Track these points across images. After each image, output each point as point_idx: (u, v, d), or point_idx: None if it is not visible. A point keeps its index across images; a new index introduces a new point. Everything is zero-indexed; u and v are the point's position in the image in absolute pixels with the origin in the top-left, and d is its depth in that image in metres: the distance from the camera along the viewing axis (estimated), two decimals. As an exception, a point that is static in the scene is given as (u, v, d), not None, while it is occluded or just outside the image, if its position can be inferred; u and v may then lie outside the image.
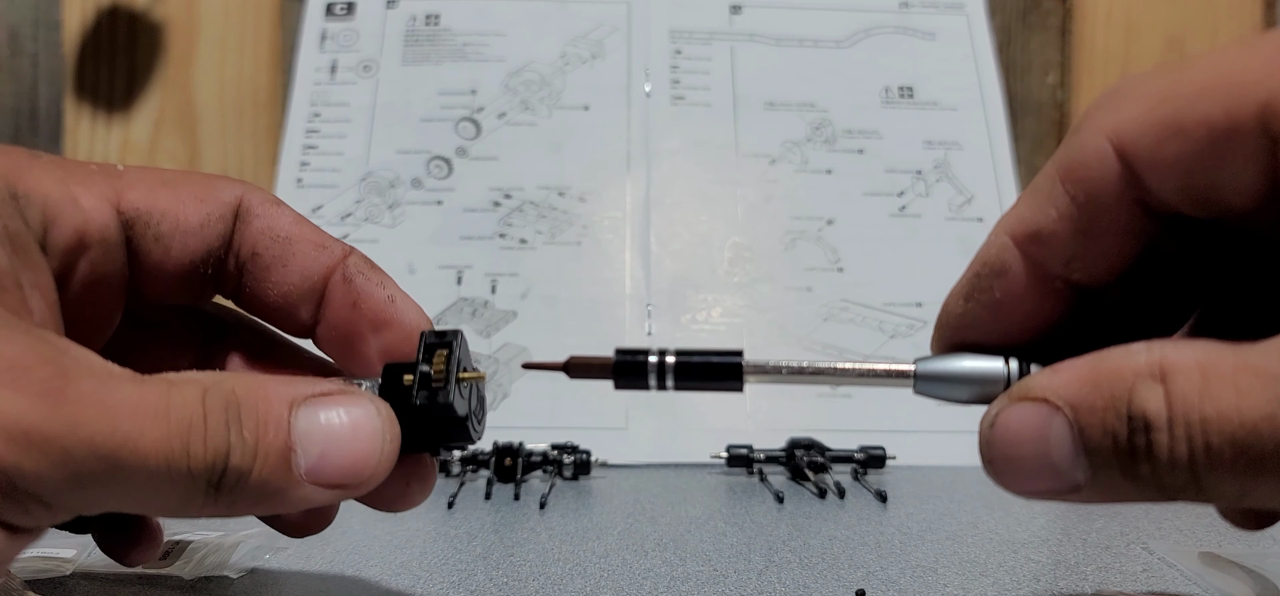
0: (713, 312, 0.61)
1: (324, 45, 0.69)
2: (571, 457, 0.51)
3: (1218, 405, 0.18)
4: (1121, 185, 0.21)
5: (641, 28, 0.69)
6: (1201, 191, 0.20)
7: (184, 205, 0.25)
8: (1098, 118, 0.21)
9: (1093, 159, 0.21)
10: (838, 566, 0.36)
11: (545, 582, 0.35)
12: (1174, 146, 0.20)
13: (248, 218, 0.26)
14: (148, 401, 0.20)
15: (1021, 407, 0.21)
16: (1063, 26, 0.81)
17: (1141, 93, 0.21)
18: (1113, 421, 0.19)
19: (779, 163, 0.66)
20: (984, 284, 0.23)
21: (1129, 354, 0.20)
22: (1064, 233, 0.22)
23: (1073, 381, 0.20)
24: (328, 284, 0.26)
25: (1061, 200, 0.22)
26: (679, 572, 0.36)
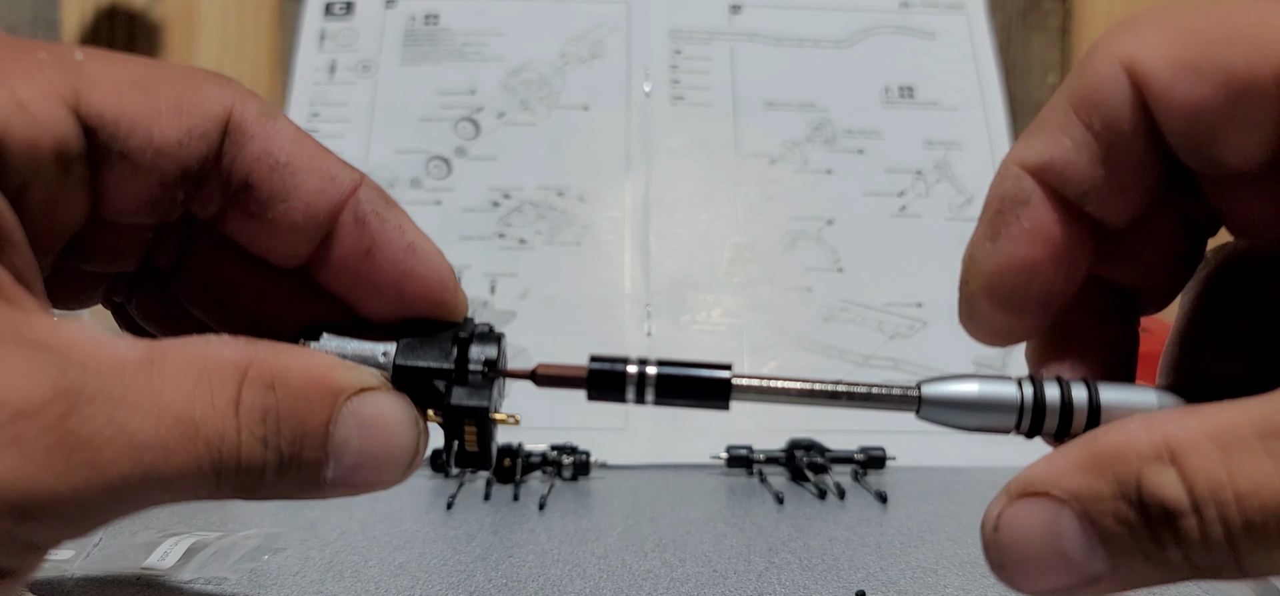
0: (713, 313, 0.61)
1: (323, 45, 0.69)
2: (571, 458, 0.50)
3: (1251, 480, 0.17)
4: (1137, 113, 0.20)
5: (641, 27, 0.69)
6: (1202, 139, 0.19)
7: (160, 115, 0.20)
8: (1113, 43, 0.20)
9: (1109, 84, 0.20)
10: (838, 567, 0.36)
11: (544, 583, 0.34)
12: (1186, 86, 0.19)
13: (240, 137, 0.21)
14: (171, 415, 0.17)
15: (1024, 506, 0.20)
16: (1063, 27, 0.81)
17: (1163, 24, 0.20)
18: (1125, 510, 0.18)
19: (779, 162, 0.65)
20: (1008, 218, 0.22)
21: (1126, 432, 0.18)
22: (1080, 162, 0.21)
23: (1072, 470, 0.19)
24: (337, 227, 0.22)
25: (1075, 129, 0.20)
26: (679, 573, 0.36)
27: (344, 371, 0.20)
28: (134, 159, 0.20)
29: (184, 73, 0.21)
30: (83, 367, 0.17)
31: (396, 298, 0.23)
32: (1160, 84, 0.19)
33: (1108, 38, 0.20)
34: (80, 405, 0.16)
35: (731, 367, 0.23)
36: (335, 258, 0.22)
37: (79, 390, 0.16)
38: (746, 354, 0.60)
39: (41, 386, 0.16)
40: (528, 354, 0.59)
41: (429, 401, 0.22)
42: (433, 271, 0.23)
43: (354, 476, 0.20)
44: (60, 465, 0.16)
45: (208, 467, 0.17)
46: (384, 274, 0.22)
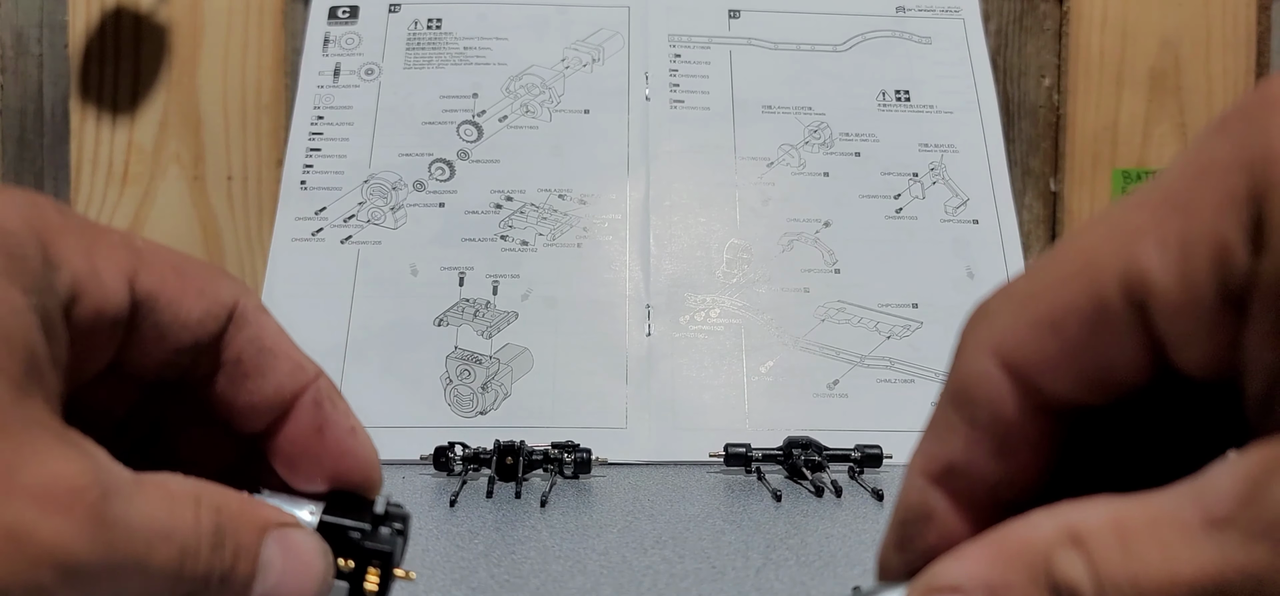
0: (711, 313, 0.62)
1: (327, 49, 0.69)
2: (572, 456, 0.51)
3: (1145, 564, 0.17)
4: (1016, 399, 0.20)
5: (641, 32, 0.70)
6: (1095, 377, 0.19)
7: (188, 297, 0.25)
8: (974, 336, 0.20)
9: (980, 379, 0.20)
10: (834, 564, 0.37)
11: (546, 579, 0.35)
12: (1052, 343, 0.19)
13: (241, 323, 0.26)
14: (158, 520, 0.21)
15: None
16: (1058, 30, 0.82)
17: (1010, 300, 0.20)
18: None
19: (776, 165, 0.66)
20: (913, 532, 0.22)
21: (1031, 525, 0.18)
22: (977, 459, 0.21)
23: (982, 562, 0.19)
24: (298, 407, 0.27)
25: (963, 430, 0.21)
26: (678, 569, 0.36)
27: (272, 510, 0.24)
28: (162, 329, 0.25)
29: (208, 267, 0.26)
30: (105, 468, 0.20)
31: (333, 472, 0.27)
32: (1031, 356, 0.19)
33: (968, 331, 0.21)
34: (110, 493, 0.20)
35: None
36: (289, 430, 0.27)
37: (109, 483, 0.20)
38: (744, 354, 0.60)
39: (87, 473, 0.20)
40: (530, 354, 0.60)
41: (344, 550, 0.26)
42: (366, 453, 0.27)
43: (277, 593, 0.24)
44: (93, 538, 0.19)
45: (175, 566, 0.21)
46: (328, 450, 0.27)
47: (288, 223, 0.64)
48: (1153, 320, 0.18)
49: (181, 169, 0.80)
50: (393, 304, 0.61)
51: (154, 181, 0.80)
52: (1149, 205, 0.19)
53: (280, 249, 0.63)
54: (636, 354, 0.60)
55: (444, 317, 0.61)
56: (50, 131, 0.81)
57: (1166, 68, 0.82)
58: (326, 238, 0.64)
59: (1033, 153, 0.82)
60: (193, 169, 0.80)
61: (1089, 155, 0.81)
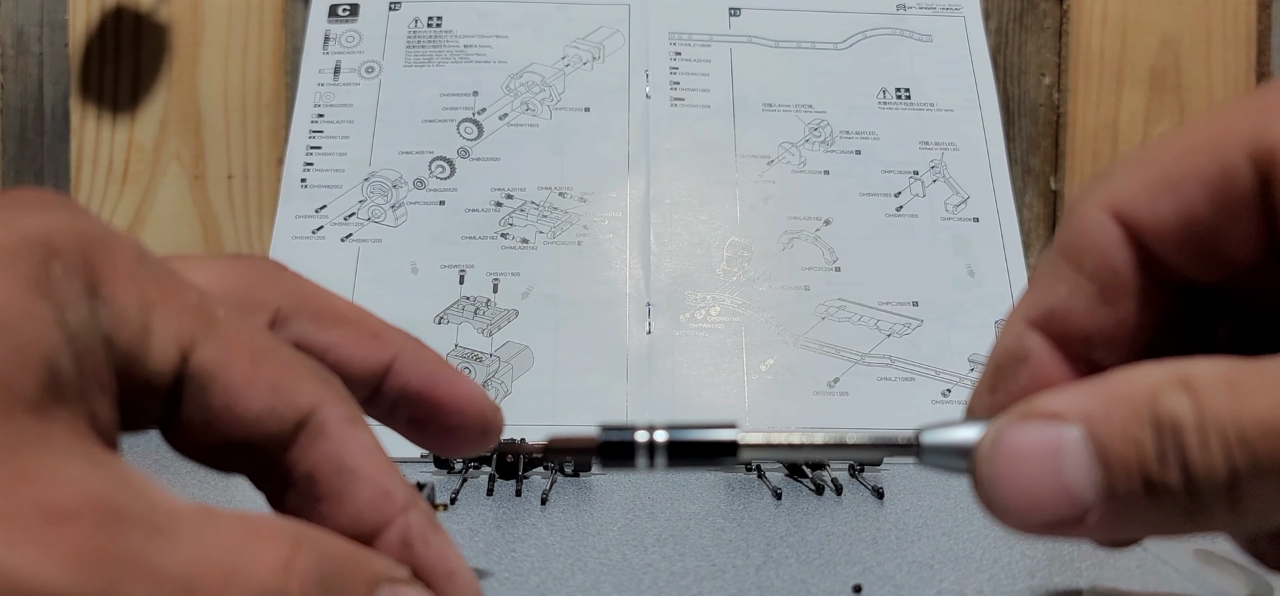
0: (711, 311, 0.62)
1: (327, 47, 0.69)
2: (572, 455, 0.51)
3: (1253, 404, 0.17)
4: (1127, 252, 0.20)
5: (641, 30, 0.70)
6: (1204, 248, 0.20)
7: (254, 388, 0.21)
8: (1092, 193, 0.21)
9: (1094, 230, 0.20)
10: (835, 562, 0.37)
11: (546, 577, 0.35)
12: (1170, 204, 0.19)
13: (316, 436, 0.22)
14: (213, 561, 0.17)
15: (1028, 425, 0.19)
16: (1058, 28, 0.82)
17: (1131, 163, 0.20)
18: (1136, 430, 0.18)
19: (777, 163, 0.66)
20: (1007, 375, 0.22)
21: (1139, 371, 0.19)
22: (1079, 309, 0.21)
23: (1088, 396, 0.19)
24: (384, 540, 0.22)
25: (1070, 278, 0.21)
26: (678, 567, 0.36)
27: (382, 562, 0.21)
28: (211, 414, 0.21)
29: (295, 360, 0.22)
30: (133, 495, 0.17)
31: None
32: (1145, 212, 0.20)
33: (1085, 190, 0.21)
34: (117, 524, 0.16)
35: (737, 425, 0.23)
36: None
37: (121, 511, 0.16)
38: (744, 352, 0.60)
39: (84, 495, 0.16)
40: (530, 352, 0.60)
41: None
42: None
43: None
44: (77, 572, 0.16)
45: None
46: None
47: (288, 221, 0.64)
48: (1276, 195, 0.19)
49: (182, 167, 0.80)
50: (393, 302, 0.61)
51: (154, 180, 0.80)
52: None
53: (280, 247, 0.63)
54: (637, 352, 0.60)
55: (444, 316, 0.61)
56: (50, 130, 0.81)
57: (1167, 66, 0.82)
58: (327, 236, 0.64)
59: (1033, 151, 0.82)
60: (193, 167, 0.80)
61: (1089, 153, 0.81)
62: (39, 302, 0.18)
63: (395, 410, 0.27)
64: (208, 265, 0.25)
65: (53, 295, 0.18)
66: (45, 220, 0.19)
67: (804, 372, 0.60)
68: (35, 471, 0.16)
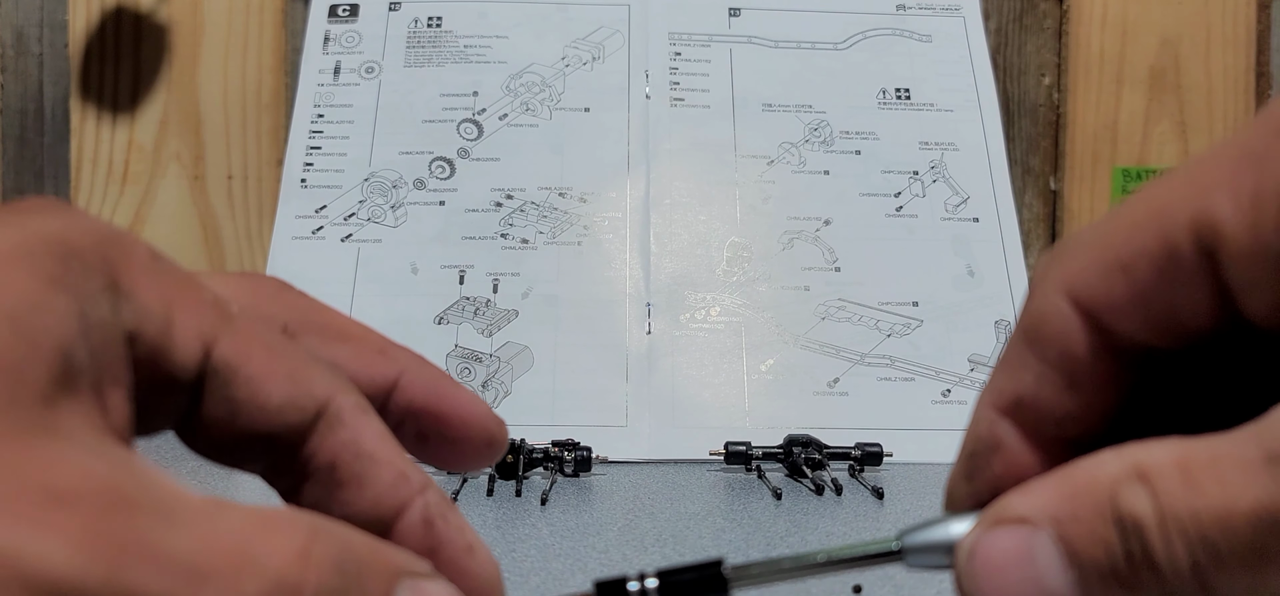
0: (711, 311, 0.62)
1: (327, 47, 0.69)
2: (572, 454, 0.51)
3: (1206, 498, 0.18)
4: (1086, 336, 0.20)
5: (641, 30, 0.70)
6: (1160, 321, 0.20)
7: (273, 380, 0.21)
8: (1048, 275, 0.21)
9: (1053, 316, 0.21)
10: (833, 561, 0.37)
11: (546, 577, 0.35)
12: (1121, 282, 0.20)
13: (334, 424, 0.22)
14: (224, 547, 0.17)
15: (1000, 533, 0.20)
16: (1058, 28, 0.82)
17: (1083, 242, 0.21)
18: (1101, 529, 0.18)
19: (777, 163, 0.66)
20: (981, 463, 0.22)
21: (1099, 463, 0.19)
22: (1046, 394, 0.21)
23: (1051, 497, 0.19)
24: (404, 524, 0.23)
25: (1034, 366, 0.21)
26: (678, 567, 0.36)
27: (402, 555, 0.20)
28: (235, 407, 0.21)
29: (306, 355, 0.23)
30: (141, 482, 0.17)
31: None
32: (1100, 295, 0.20)
33: (1041, 271, 0.21)
34: (124, 509, 0.16)
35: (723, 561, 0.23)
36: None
37: (128, 497, 0.16)
38: (744, 352, 0.60)
39: (89, 480, 0.16)
40: (530, 352, 0.60)
41: None
42: (487, 574, 0.24)
43: None
44: (83, 556, 0.16)
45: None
46: (443, 573, 0.23)
47: (288, 221, 0.64)
48: (1221, 267, 0.19)
49: (182, 168, 0.80)
50: (393, 302, 0.61)
51: (154, 180, 0.80)
52: (1224, 159, 0.19)
53: (280, 247, 0.63)
54: (637, 352, 0.60)
55: (444, 316, 0.61)
56: (50, 130, 0.81)
57: (1166, 66, 0.82)
58: (327, 236, 0.64)
59: (1033, 151, 0.82)
60: (193, 168, 0.80)
61: (1089, 153, 0.81)
62: (57, 296, 0.18)
63: (401, 426, 0.27)
64: (215, 278, 0.25)
65: (72, 289, 0.18)
66: (61, 222, 0.19)
67: (804, 373, 0.60)
68: (42, 457, 0.16)
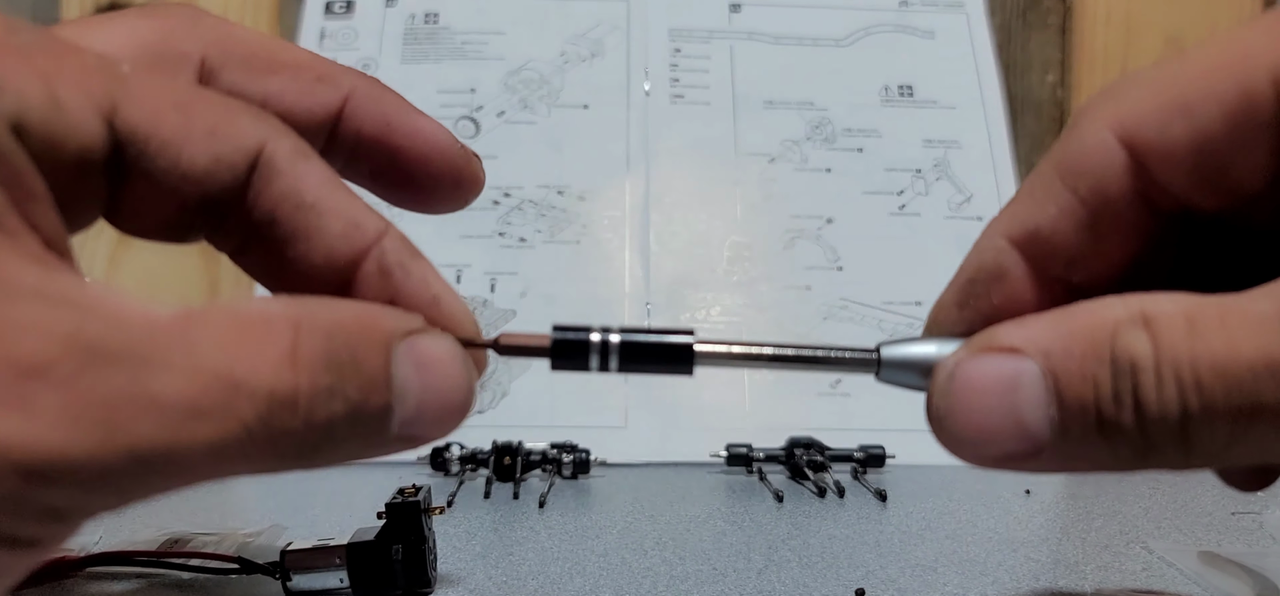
0: (712, 311, 0.61)
1: (323, 43, 0.69)
2: (570, 456, 0.51)
3: (1208, 345, 0.17)
4: (1127, 177, 0.20)
5: (641, 26, 0.69)
6: (1212, 173, 0.19)
7: (192, 140, 0.19)
8: (1099, 109, 0.20)
9: (1095, 150, 0.20)
10: (837, 565, 0.37)
11: (544, 581, 0.35)
12: (1182, 127, 0.19)
13: (269, 173, 0.20)
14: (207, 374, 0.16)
15: (986, 358, 0.19)
16: (1062, 25, 0.81)
17: (1144, 82, 0.20)
18: (1093, 367, 0.18)
19: (778, 161, 0.66)
20: (979, 290, 0.21)
21: (1103, 305, 0.18)
22: (1065, 230, 0.20)
23: (1048, 330, 0.19)
24: (360, 275, 0.21)
25: (1062, 197, 0.20)
26: (678, 571, 0.36)
27: (390, 316, 0.19)
28: (157, 178, 0.19)
29: (224, 101, 0.20)
30: (107, 324, 0.16)
31: None
32: (1153, 135, 0.19)
33: (1093, 104, 0.20)
34: (98, 363, 0.15)
35: (694, 333, 0.22)
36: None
37: (99, 348, 0.15)
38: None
39: (54, 341, 0.15)
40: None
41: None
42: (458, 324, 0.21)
43: (417, 422, 0.18)
44: (71, 426, 0.15)
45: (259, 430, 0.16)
46: None
47: (283, 219, 0.63)
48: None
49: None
50: (389, 302, 0.61)
51: (148, 178, 0.79)
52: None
53: (275, 246, 0.63)
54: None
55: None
56: (44, 128, 0.80)
57: (1171, 63, 0.81)
58: (322, 235, 0.63)
59: (1037, 149, 0.81)
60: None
61: (1093, 152, 0.81)
62: None
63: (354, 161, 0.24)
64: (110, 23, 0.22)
65: None
66: None
67: (806, 373, 0.59)
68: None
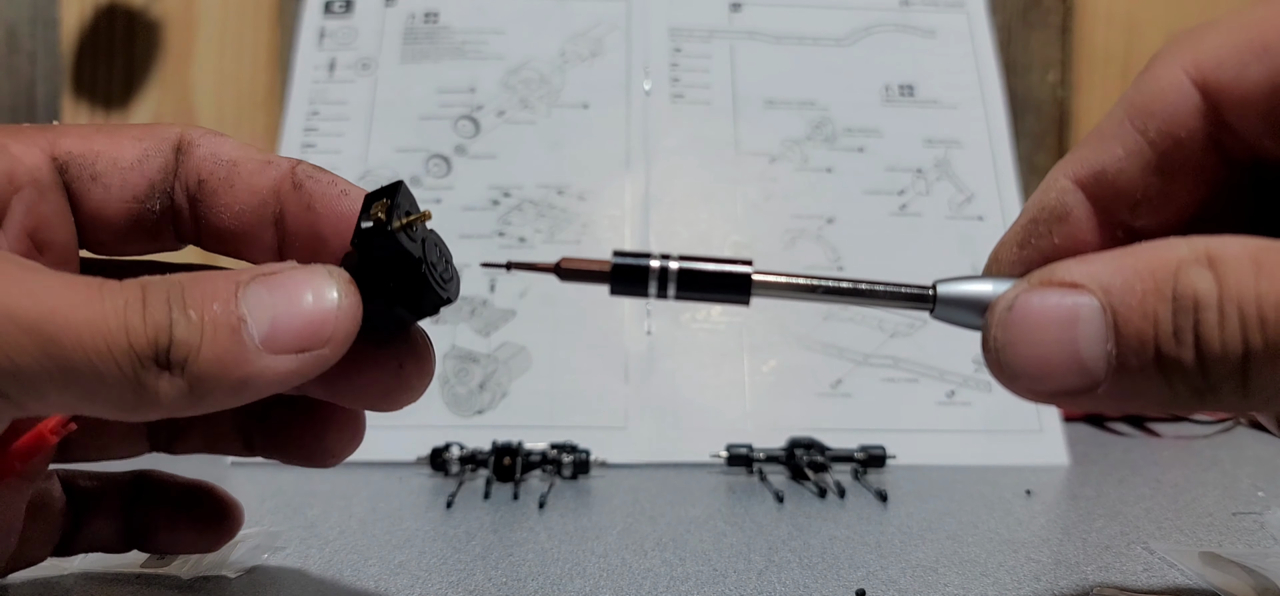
0: (712, 311, 0.61)
1: (322, 43, 0.68)
2: (570, 457, 0.50)
3: (1276, 286, 0.17)
4: (1198, 120, 0.20)
5: (641, 25, 0.69)
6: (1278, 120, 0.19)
7: (120, 145, 0.25)
8: (1175, 52, 0.20)
9: (1170, 91, 0.20)
10: (838, 566, 0.36)
11: (544, 582, 0.34)
12: (1260, 69, 0.19)
13: (190, 149, 0.26)
14: (78, 285, 0.19)
15: (1047, 292, 0.19)
16: (1063, 24, 0.81)
17: (1223, 26, 0.20)
18: (1154, 304, 0.18)
19: (779, 161, 0.65)
20: (1042, 230, 0.22)
21: (1168, 245, 0.18)
22: (1132, 172, 0.20)
23: (1110, 267, 0.19)
24: (281, 198, 0.25)
25: (1131, 139, 0.20)
26: (678, 572, 0.36)
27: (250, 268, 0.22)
28: (104, 178, 0.25)
29: (145, 124, 0.26)
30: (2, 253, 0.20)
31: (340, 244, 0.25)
32: (1230, 77, 0.19)
33: (1167, 49, 0.20)
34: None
35: (752, 264, 0.22)
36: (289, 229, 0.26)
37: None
38: (746, 353, 0.59)
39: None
40: (527, 351, 0.59)
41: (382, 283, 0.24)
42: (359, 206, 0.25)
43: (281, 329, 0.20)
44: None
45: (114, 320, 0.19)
46: (325, 222, 0.25)
47: (282, 219, 0.63)
48: None
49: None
50: (389, 302, 0.61)
51: (148, 178, 0.79)
52: None
53: (275, 246, 0.63)
54: (636, 352, 0.59)
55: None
56: (43, 128, 0.80)
57: (1172, 63, 0.81)
58: (322, 234, 0.63)
59: (1038, 148, 0.81)
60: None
61: (1094, 151, 0.80)
62: None
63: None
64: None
65: None
66: None
67: (807, 374, 0.59)
68: None
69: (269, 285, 0.21)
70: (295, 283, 0.21)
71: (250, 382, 0.20)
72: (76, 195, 0.25)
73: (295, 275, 0.21)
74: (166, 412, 0.20)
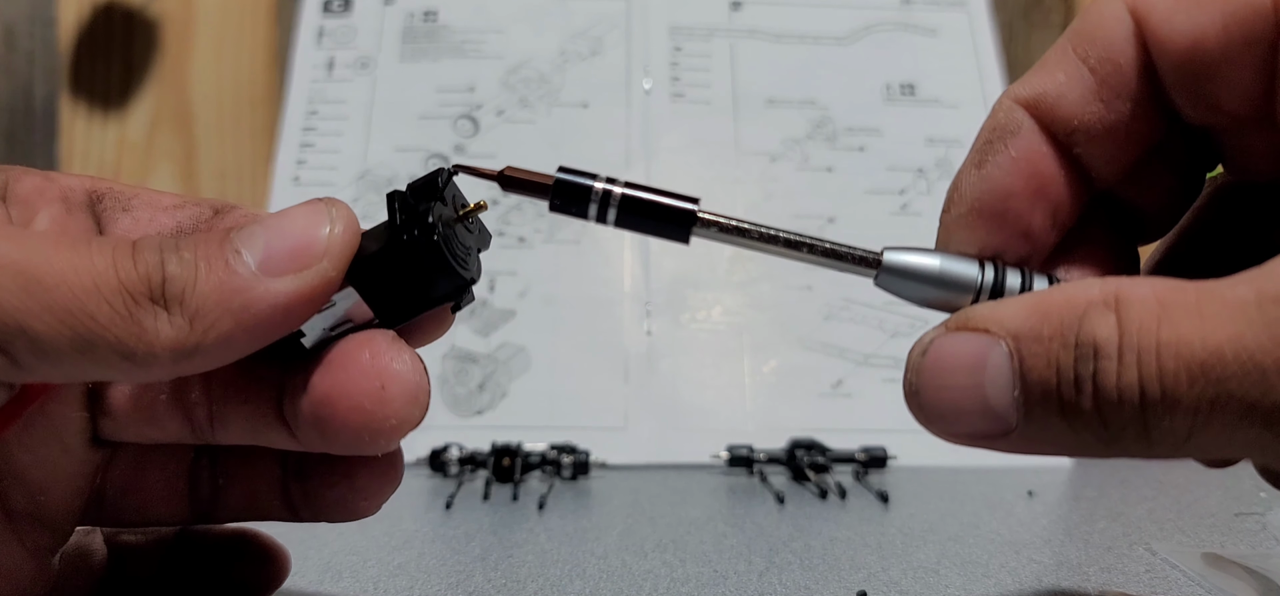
0: (713, 311, 0.61)
1: (321, 42, 0.68)
2: (570, 458, 0.50)
3: (1177, 330, 0.17)
4: (1133, 50, 0.20)
5: (641, 24, 0.69)
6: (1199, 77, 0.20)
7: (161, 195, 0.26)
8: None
9: (1109, 21, 0.20)
10: (839, 567, 0.36)
11: (544, 584, 0.34)
12: (1184, 20, 0.19)
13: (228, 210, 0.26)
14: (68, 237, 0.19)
15: (958, 337, 0.20)
16: (1065, 23, 0.81)
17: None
18: (1057, 351, 0.18)
19: (779, 160, 0.65)
20: (996, 147, 0.22)
21: (1080, 287, 0.19)
22: (1072, 98, 0.21)
23: (1019, 312, 0.19)
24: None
25: (1072, 65, 0.21)
26: (679, 574, 0.35)
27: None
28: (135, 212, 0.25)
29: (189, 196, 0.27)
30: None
31: None
32: (1160, 16, 0.20)
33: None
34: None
35: (699, 201, 0.22)
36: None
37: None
38: (746, 353, 0.59)
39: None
40: (527, 352, 0.59)
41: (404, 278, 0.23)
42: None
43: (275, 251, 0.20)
44: None
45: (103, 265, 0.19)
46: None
47: (281, 219, 0.63)
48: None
49: (173, 165, 0.79)
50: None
51: (145, 178, 0.79)
52: None
53: (273, 246, 0.62)
54: (636, 353, 0.59)
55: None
56: (40, 128, 0.80)
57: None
58: (320, 234, 0.63)
59: (1038, 148, 0.81)
60: (184, 165, 0.79)
61: (1095, 151, 0.80)
62: None
63: None
64: None
65: None
66: None
67: (807, 374, 0.59)
68: None
69: (262, 221, 0.21)
70: (287, 213, 0.21)
71: (252, 308, 0.20)
72: (104, 222, 0.25)
73: (287, 209, 0.21)
74: (174, 363, 0.19)
